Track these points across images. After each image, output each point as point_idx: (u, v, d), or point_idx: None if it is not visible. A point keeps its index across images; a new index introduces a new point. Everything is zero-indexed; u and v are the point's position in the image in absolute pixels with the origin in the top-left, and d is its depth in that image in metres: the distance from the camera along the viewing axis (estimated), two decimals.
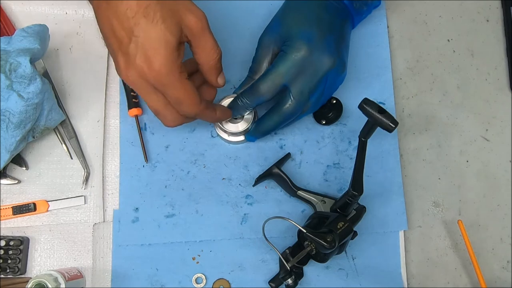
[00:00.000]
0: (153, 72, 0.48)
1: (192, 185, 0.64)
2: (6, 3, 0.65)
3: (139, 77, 0.49)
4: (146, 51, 0.48)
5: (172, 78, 0.49)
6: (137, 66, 0.48)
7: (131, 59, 0.48)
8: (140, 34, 0.48)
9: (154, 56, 0.48)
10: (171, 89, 0.50)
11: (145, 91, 0.51)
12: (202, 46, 0.53)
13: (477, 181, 0.68)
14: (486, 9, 0.73)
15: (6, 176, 0.61)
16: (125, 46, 0.48)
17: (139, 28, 0.47)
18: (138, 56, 0.48)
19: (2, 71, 0.55)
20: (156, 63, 0.48)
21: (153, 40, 0.48)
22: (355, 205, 0.59)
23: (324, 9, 0.59)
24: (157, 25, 0.48)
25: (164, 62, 0.48)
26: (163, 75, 0.49)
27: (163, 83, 0.50)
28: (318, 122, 0.66)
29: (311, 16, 0.58)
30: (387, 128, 0.49)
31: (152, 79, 0.49)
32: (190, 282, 0.62)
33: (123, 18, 0.48)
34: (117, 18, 0.48)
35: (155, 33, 0.48)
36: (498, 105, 0.70)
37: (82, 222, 0.62)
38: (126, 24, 0.48)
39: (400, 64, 0.70)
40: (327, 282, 0.63)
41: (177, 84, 0.50)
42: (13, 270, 0.59)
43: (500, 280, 0.66)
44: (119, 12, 0.48)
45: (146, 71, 0.48)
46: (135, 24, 0.47)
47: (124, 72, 0.50)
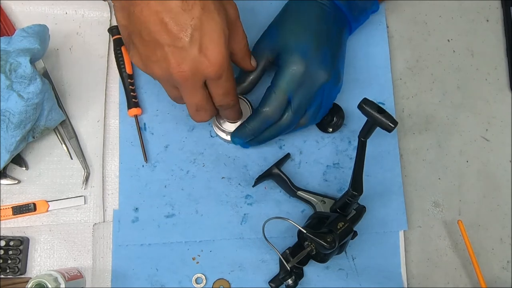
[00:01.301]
0: (216, 64, 0.48)
1: (192, 184, 0.64)
2: (6, 3, 0.65)
3: (195, 70, 0.48)
4: (207, 44, 0.47)
5: (228, 69, 0.50)
6: (195, 59, 0.47)
7: (188, 52, 0.47)
8: (199, 28, 0.47)
9: (217, 49, 0.47)
10: (226, 81, 0.51)
11: (195, 85, 0.50)
12: (237, 35, 0.54)
13: (477, 181, 0.68)
14: (486, 9, 0.73)
15: (6, 176, 0.61)
16: (181, 40, 0.47)
17: (198, 22, 0.46)
18: (197, 48, 0.47)
19: (2, 71, 0.55)
20: (220, 56, 0.48)
21: (214, 32, 0.47)
22: (355, 205, 0.59)
23: (322, 19, 0.59)
24: (215, 17, 0.47)
25: (225, 53, 0.48)
26: (225, 66, 0.49)
27: (220, 75, 0.49)
28: (325, 131, 0.66)
29: (309, 27, 0.58)
30: (387, 128, 0.49)
31: (211, 71, 0.48)
32: (190, 282, 0.62)
33: (178, 11, 0.46)
34: (170, 11, 0.46)
35: (215, 25, 0.47)
36: (498, 105, 0.70)
37: (82, 222, 0.62)
38: (182, 18, 0.46)
39: (400, 64, 0.70)
40: (327, 282, 0.63)
41: (231, 75, 0.51)
42: (13, 270, 0.59)
43: (500, 280, 0.65)
44: (173, 5, 0.46)
45: (205, 63, 0.48)
46: (193, 18, 0.46)
47: (177, 67, 0.48)
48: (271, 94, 0.57)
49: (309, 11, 0.59)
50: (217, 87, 0.51)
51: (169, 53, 0.47)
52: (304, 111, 0.59)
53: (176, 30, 0.46)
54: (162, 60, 0.48)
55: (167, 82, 0.52)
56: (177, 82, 0.50)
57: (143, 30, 0.48)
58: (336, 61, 0.59)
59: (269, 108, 0.57)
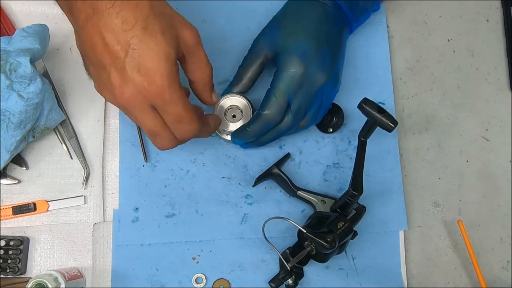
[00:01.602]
0: (155, 86, 0.46)
1: (192, 184, 0.64)
2: (6, 3, 0.65)
3: (137, 93, 0.46)
4: (146, 64, 0.45)
5: (174, 93, 0.47)
6: (136, 81, 0.45)
7: (128, 74, 0.45)
8: (138, 47, 0.45)
9: (155, 69, 0.45)
10: (173, 105, 0.47)
11: (142, 109, 0.47)
12: (197, 62, 0.51)
13: (477, 181, 0.68)
14: (486, 9, 0.73)
15: (6, 176, 0.61)
16: (120, 60, 0.45)
17: (137, 41, 0.45)
18: (137, 70, 0.45)
19: (2, 71, 0.55)
20: (158, 77, 0.45)
21: (153, 52, 0.45)
22: (355, 205, 0.59)
23: (323, 19, 0.58)
24: (157, 38, 0.45)
25: (167, 75, 0.46)
26: (166, 89, 0.46)
27: (164, 99, 0.47)
28: (325, 132, 0.66)
29: (309, 28, 0.58)
30: (387, 128, 0.49)
31: (152, 95, 0.46)
32: (190, 282, 0.62)
33: (119, 31, 0.45)
34: (111, 31, 0.45)
35: (156, 46, 0.45)
36: (498, 105, 0.70)
37: (82, 222, 0.62)
38: (122, 38, 0.45)
39: (400, 64, 0.70)
40: (327, 282, 0.63)
41: (179, 99, 0.47)
42: (13, 270, 0.59)
43: (500, 280, 0.66)
44: (113, 24, 0.44)
45: (146, 85, 0.45)
46: (132, 37, 0.45)
47: (119, 89, 0.46)
48: (271, 97, 0.57)
49: (310, 11, 0.59)
50: (164, 113, 0.48)
51: (111, 74, 0.46)
52: (304, 113, 0.59)
53: (116, 50, 0.45)
54: (107, 82, 0.47)
55: (118, 107, 0.50)
56: (121, 106, 0.48)
57: (90, 52, 0.47)
58: (335, 62, 0.59)
59: (270, 111, 0.57)
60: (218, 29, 0.67)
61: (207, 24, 0.68)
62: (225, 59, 0.66)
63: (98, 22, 0.45)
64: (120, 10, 0.45)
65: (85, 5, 0.45)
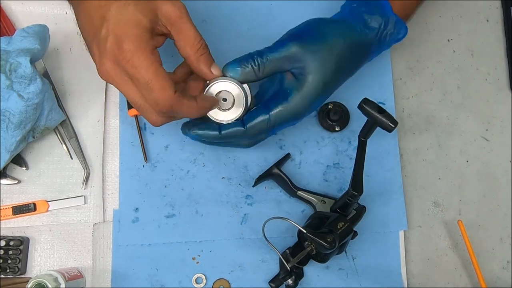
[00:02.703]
0: (123, 52, 0.47)
1: (192, 184, 0.64)
2: (6, 3, 0.65)
3: (112, 63, 0.48)
4: (116, 32, 0.47)
5: (142, 57, 0.47)
6: (108, 51, 0.47)
7: (102, 45, 0.47)
8: (110, 18, 0.47)
9: (124, 35, 0.47)
10: (141, 71, 0.47)
11: (121, 80, 0.48)
12: (184, 34, 0.51)
13: (477, 181, 0.68)
14: (486, 9, 0.73)
15: (6, 176, 0.61)
16: (98, 33, 0.48)
17: (110, 13, 0.47)
18: (109, 39, 0.47)
19: (2, 71, 0.55)
20: (125, 42, 0.47)
21: (123, 21, 0.47)
22: (355, 205, 0.59)
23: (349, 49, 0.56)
24: (129, 8, 0.48)
25: (133, 40, 0.47)
26: (133, 53, 0.47)
27: (132, 64, 0.47)
28: (332, 131, 0.66)
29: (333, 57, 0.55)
30: (387, 128, 0.49)
31: (122, 61, 0.47)
32: (190, 282, 0.62)
33: (96, 7, 0.48)
34: (92, 9, 0.48)
35: (126, 15, 0.47)
36: (498, 105, 0.70)
37: (82, 222, 0.62)
38: (99, 12, 0.48)
39: (400, 64, 0.70)
40: (327, 282, 0.63)
41: (147, 64, 0.47)
42: (13, 270, 0.59)
43: (500, 280, 0.66)
44: (94, 3, 0.48)
45: (116, 53, 0.47)
46: (106, 10, 0.48)
47: (99, 62, 0.48)
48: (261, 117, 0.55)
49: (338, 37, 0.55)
50: (136, 80, 0.48)
51: (93, 49, 0.49)
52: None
53: (95, 25, 0.48)
54: (93, 59, 0.49)
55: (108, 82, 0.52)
56: (106, 80, 0.50)
57: (82, 31, 0.51)
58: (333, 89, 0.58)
59: (254, 129, 0.55)
60: (218, 29, 0.68)
61: (207, 24, 0.68)
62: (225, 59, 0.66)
63: (84, 4, 0.49)
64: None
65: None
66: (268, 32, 0.67)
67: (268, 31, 0.67)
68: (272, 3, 0.68)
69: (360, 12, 0.57)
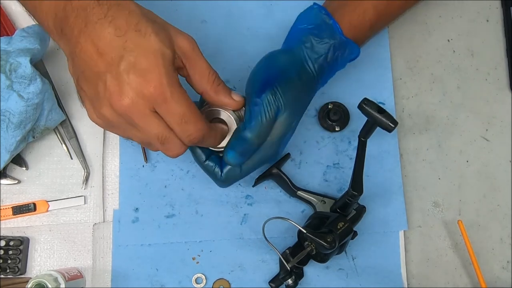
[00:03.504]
0: (153, 85, 0.44)
1: (192, 184, 0.64)
2: (6, 3, 0.65)
3: (136, 96, 0.44)
4: (141, 64, 0.44)
5: (175, 90, 0.45)
6: (133, 84, 0.44)
7: (124, 77, 0.44)
8: (132, 49, 0.44)
9: (152, 68, 0.44)
10: (175, 104, 0.45)
11: (144, 114, 0.45)
12: (198, 68, 0.49)
13: (477, 181, 0.68)
14: (486, 9, 0.73)
15: (6, 176, 0.61)
16: (115, 65, 0.44)
17: (131, 43, 0.44)
18: (133, 72, 0.43)
19: (2, 71, 0.55)
20: (155, 75, 0.44)
21: (148, 52, 0.44)
22: (355, 205, 0.59)
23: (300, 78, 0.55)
24: (151, 38, 0.44)
25: (165, 72, 0.44)
26: (165, 86, 0.44)
27: (165, 98, 0.44)
28: (332, 131, 0.66)
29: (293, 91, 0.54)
30: (387, 128, 0.49)
31: (152, 95, 0.44)
32: (190, 282, 0.62)
33: (112, 38, 0.44)
34: (104, 39, 0.44)
35: (150, 45, 0.44)
36: (498, 105, 0.70)
37: (82, 222, 0.62)
38: (116, 43, 0.44)
39: (400, 64, 0.70)
40: (327, 282, 0.63)
41: (181, 97, 0.45)
42: (13, 270, 0.59)
43: (500, 280, 0.65)
44: (106, 33, 0.44)
45: (144, 86, 0.44)
46: (126, 41, 0.44)
47: (117, 97, 0.44)
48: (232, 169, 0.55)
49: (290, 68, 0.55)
50: (168, 113, 0.45)
51: (107, 82, 0.44)
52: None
53: (110, 57, 0.44)
54: (104, 96, 0.45)
55: (119, 122, 0.47)
56: (124, 115, 0.45)
57: (84, 67, 0.46)
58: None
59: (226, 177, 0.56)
60: (218, 29, 0.68)
61: (207, 24, 0.68)
62: (224, 59, 0.66)
63: (91, 34, 0.44)
64: (113, 19, 0.44)
65: (78, 19, 0.45)
66: (268, 32, 0.67)
67: (268, 31, 0.67)
68: (272, 3, 0.68)
69: (307, 36, 0.56)
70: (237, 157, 0.53)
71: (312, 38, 0.56)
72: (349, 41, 0.57)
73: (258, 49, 0.60)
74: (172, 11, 0.67)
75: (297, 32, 0.57)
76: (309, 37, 0.56)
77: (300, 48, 0.56)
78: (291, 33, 0.59)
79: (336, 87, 0.67)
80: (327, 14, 0.56)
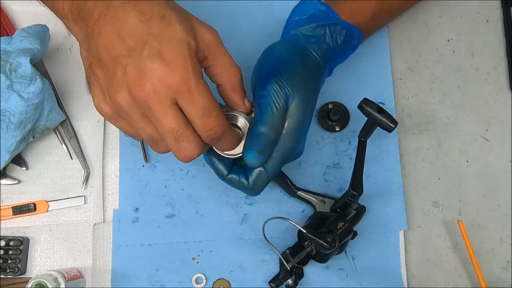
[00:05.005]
0: (179, 73, 0.42)
1: (192, 184, 0.64)
2: (6, 3, 0.65)
3: (159, 84, 0.42)
4: (167, 51, 0.42)
5: (199, 81, 0.43)
6: (156, 70, 0.42)
7: (148, 64, 0.42)
8: (157, 35, 0.42)
9: (178, 56, 0.42)
10: (199, 95, 0.43)
11: (164, 104, 0.43)
12: (221, 61, 0.48)
13: (477, 181, 0.68)
14: (486, 9, 0.73)
15: (6, 176, 0.61)
16: (138, 51, 0.42)
17: (156, 29, 0.42)
18: (157, 58, 0.42)
19: (2, 71, 0.55)
20: (181, 63, 0.42)
21: (174, 40, 0.42)
22: (355, 205, 0.59)
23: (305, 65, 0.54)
24: (176, 26, 0.43)
25: (191, 62, 0.42)
26: (191, 76, 0.42)
27: (190, 88, 0.42)
28: (332, 131, 0.66)
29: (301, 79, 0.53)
30: (387, 128, 0.49)
31: (176, 84, 0.42)
32: (190, 282, 0.62)
33: (136, 22, 0.42)
34: (127, 24, 0.42)
35: (175, 34, 0.43)
36: (498, 105, 0.70)
37: (82, 222, 0.62)
38: (140, 28, 0.42)
39: (400, 64, 0.70)
40: (327, 282, 0.63)
41: (204, 89, 0.43)
42: (13, 270, 0.59)
43: (500, 280, 0.65)
44: (130, 17, 0.42)
45: (168, 74, 0.42)
46: (150, 27, 0.42)
47: (138, 82, 0.42)
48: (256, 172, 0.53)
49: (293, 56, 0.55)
50: (191, 105, 0.43)
51: (128, 68, 0.42)
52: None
53: (133, 42, 0.42)
54: (123, 81, 0.43)
55: (132, 111, 0.44)
56: (142, 103, 0.43)
57: (102, 51, 0.44)
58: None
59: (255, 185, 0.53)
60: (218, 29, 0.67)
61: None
62: None
63: (112, 18, 0.43)
64: (137, 3, 0.43)
65: (98, 2, 0.44)
66: (268, 32, 0.67)
67: (268, 31, 0.67)
68: (272, 3, 0.68)
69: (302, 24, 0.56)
70: (257, 156, 0.51)
71: (307, 25, 0.56)
72: (346, 23, 0.57)
73: (258, 49, 0.60)
74: None
75: (292, 24, 0.57)
76: (304, 25, 0.56)
77: (297, 35, 0.56)
78: (286, 26, 0.59)
79: (336, 87, 0.67)
80: (320, 2, 0.57)
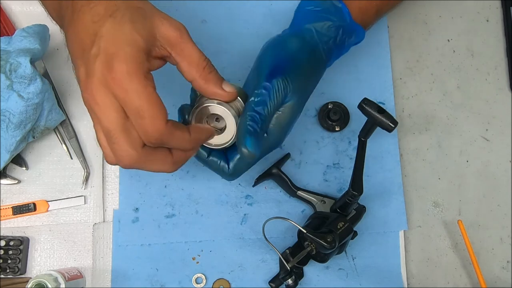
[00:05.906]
0: (113, 72, 0.42)
1: (192, 184, 0.64)
2: (6, 3, 0.65)
3: (99, 83, 0.42)
4: (108, 50, 0.42)
5: (135, 80, 0.42)
6: (97, 70, 0.42)
7: (91, 64, 0.42)
8: (103, 35, 0.43)
9: (116, 54, 0.42)
10: (132, 95, 0.42)
11: (104, 103, 0.42)
12: (187, 55, 0.47)
13: (477, 181, 0.68)
14: (486, 9, 0.73)
15: (6, 176, 0.61)
16: (87, 51, 0.43)
17: (104, 29, 0.43)
18: (100, 57, 0.42)
19: (2, 71, 0.55)
20: (117, 61, 0.42)
21: (117, 39, 0.43)
22: (355, 205, 0.59)
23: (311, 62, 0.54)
24: (124, 25, 0.43)
25: (127, 60, 0.42)
26: (125, 75, 0.42)
27: (123, 87, 0.42)
28: (332, 131, 0.66)
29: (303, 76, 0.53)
30: (387, 128, 0.49)
31: (111, 82, 0.42)
32: (190, 282, 0.62)
33: (88, 23, 0.43)
34: (83, 25, 0.44)
35: (121, 33, 0.43)
36: (498, 105, 0.70)
37: (82, 222, 0.62)
38: (91, 29, 0.43)
39: (400, 64, 0.70)
40: (327, 282, 0.63)
41: (139, 89, 0.42)
42: (13, 270, 0.59)
43: (500, 280, 0.65)
44: (86, 19, 0.44)
45: (105, 72, 0.42)
46: (100, 26, 0.43)
47: (85, 83, 0.43)
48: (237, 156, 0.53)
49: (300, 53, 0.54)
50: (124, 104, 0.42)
51: (80, 68, 0.44)
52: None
53: (85, 43, 0.43)
54: (80, 82, 0.44)
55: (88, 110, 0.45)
56: (87, 102, 0.43)
57: (70, 53, 0.46)
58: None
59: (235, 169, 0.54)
60: (218, 29, 0.68)
61: (207, 24, 0.68)
62: (224, 59, 0.66)
63: (74, 21, 0.45)
64: (94, 6, 0.44)
65: (68, 8, 0.46)
66: (268, 32, 0.67)
67: (268, 31, 0.67)
68: (272, 3, 0.68)
69: (316, 18, 0.55)
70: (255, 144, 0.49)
71: (321, 20, 0.55)
72: (358, 26, 0.57)
73: (258, 49, 0.60)
74: (173, 11, 0.67)
75: (304, 14, 0.56)
76: (318, 19, 0.55)
77: (310, 31, 0.55)
78: (297, 15, 0.58)
79: (336, 87, 0.67)
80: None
